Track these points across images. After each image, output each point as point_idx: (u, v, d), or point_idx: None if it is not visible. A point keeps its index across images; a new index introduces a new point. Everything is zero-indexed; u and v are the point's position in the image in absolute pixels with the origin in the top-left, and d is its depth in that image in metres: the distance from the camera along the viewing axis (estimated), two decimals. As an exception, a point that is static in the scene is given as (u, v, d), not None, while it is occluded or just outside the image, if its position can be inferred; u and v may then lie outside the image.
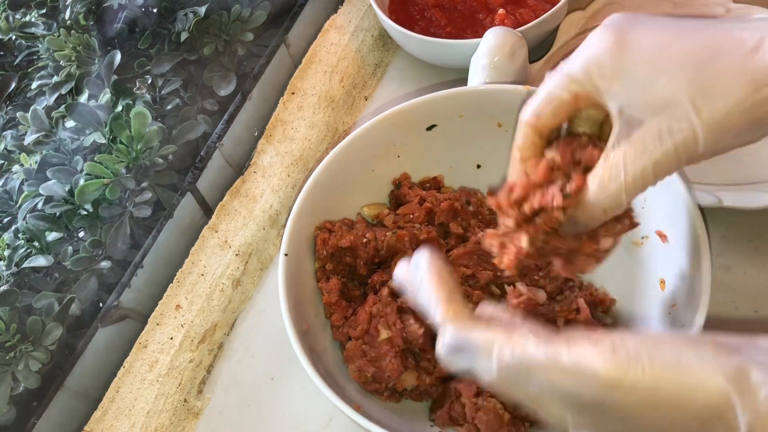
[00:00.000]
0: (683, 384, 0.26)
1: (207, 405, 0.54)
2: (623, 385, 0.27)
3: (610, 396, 0.27)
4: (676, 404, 0.27)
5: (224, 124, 0.63)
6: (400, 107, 0.52)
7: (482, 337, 0.29)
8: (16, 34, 0.73)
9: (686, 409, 0.27)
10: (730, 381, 0.26)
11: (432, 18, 0.67)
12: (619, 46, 0.32)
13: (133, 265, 0.57)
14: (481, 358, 0.29)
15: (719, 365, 0.26)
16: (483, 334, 0.30)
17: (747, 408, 0.25)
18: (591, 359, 0.27)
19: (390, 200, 0.55)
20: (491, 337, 0.29)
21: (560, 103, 0.34)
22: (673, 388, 0.26)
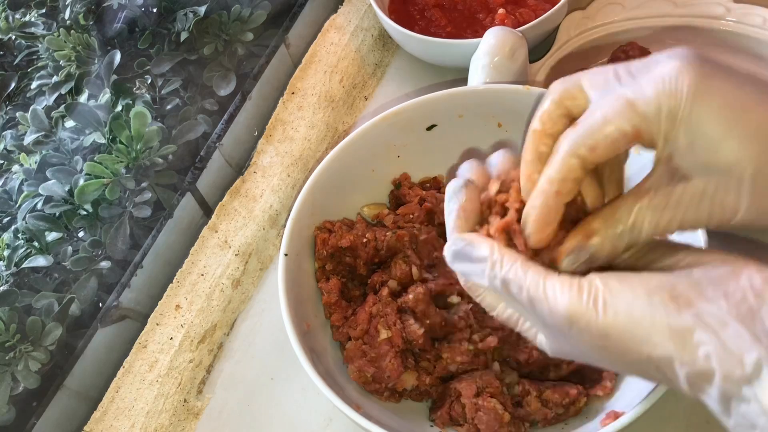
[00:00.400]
0: (630, 334, 0.29)
1: (207, 405, 0.54)
2: (578, 324, 0.30)
3: (569, 330, 0.30)
4: (621, 350, 0.29)
5: (224, 124, 0.63)
6: (400, 107, 0.52)
7: (481, 248, 0.33)
8: (16, 34, 0.73)
9: (631, 357, 0.29)
10: (673, 338, 0.28)
11: (432, 18, 0.67)
12: (699, 93, 0.28)
13: (133, 265, 0.57)
14: (477, 266, 0.33)
15: (666, 320, 0.28)
16: (482, 246, 0.33)
17: (686, 363, 0.28)
18: (559, 294, 0.30)
19: (390, 200, 0.55)
20: (489, 250, 0.33)
21: (623, 136, 0.30)
22: (619, 336, 0.29)
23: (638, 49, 0.60)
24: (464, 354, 0.45)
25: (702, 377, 0.27)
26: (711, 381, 0.27)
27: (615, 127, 0.30)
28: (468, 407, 0.43)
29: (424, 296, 0.46)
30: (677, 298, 0.28)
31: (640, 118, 0.29)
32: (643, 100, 0.29)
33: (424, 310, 0.46)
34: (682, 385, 0.28)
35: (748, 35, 0.60)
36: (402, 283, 0.49)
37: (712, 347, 0.27)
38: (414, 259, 0.49)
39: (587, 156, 0.31)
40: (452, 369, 0.46)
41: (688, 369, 0.27)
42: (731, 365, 0.26)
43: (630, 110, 0.29)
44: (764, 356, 0.26)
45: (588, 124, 0.31)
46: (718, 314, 0.27)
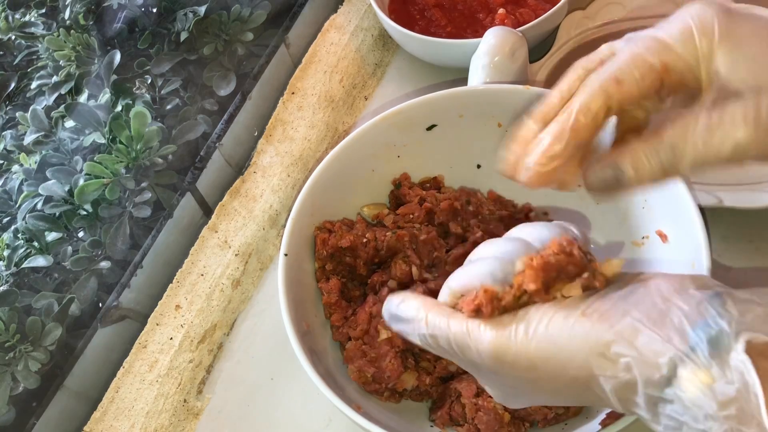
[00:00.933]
0: (554, 359, 0.29)
1: (207, 405, 0.54)
2: (506, 359, 0.30)
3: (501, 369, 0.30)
4: (551, 378, 0.29)
5: (224, 124, 0.63)
6: (400, 107, 0.52)
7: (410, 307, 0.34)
8: (16, 34, 0.73)
9: (560, 381, 0.29)
10: (593, 354, 0.28)
11: (432, 18, 0.67)
12: (728, 13, 0.29)
13: (133, 265, 0.57)
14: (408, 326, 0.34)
15: (584, 338, 0.28)
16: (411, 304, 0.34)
17: (610, 378, 0.28)
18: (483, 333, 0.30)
19: (390, 200, 0.55)
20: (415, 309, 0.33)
21: (649, 69, 0.29)
22: (545, 364, 0.29)
23: (638, 49, 0.60)
24: (464, 354, 0.45)
25: (627, 389, 0.27)
26: (636, 390, 0.27)
27: (642, 60, 0.30)
28: (468, 407, 0.43)
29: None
30: (590, 315, 0.28)
31: (668, 51, 0.29)
32: (672, 31, 0.29)
33: (424, 310, 0.46)
34: (613, 401, 0.28)
35: (748, 35, 0.60)
36: (402, 283, 0.49)
37: (630, 357, 0.27)
38: (414, 259, 0.49)
39: (613, 91, 0.30)
40: (452, 369, 0.46)
41: (613, 383, 0.28)
42: (649, 370, 0.26)
43: (658, 44, 0.30)
44: (676, 355, 0.26)
45: (616, 59, 0.31)
46: (631, 324, 0.27)
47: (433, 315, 0.32)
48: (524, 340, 0.29)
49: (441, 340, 0.32)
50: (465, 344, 0.31)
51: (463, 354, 0.31)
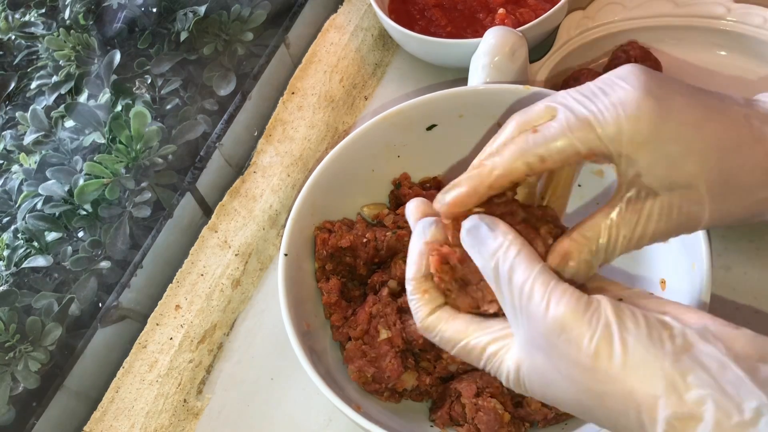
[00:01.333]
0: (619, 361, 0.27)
1: (207, 405, 0.54)
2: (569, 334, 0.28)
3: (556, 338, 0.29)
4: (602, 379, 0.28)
5: (224, 123, 0.63)
6: (400, 107, 0.52)
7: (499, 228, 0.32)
8: (16, 33, 0.73)
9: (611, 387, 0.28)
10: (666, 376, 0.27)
11: (432, 18, 0.67)
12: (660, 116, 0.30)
13: (133, 265, 0.57)
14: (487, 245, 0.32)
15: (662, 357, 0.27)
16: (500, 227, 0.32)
17: (672, 404, 0.26)
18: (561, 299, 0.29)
19: (390, 200, 0.55)
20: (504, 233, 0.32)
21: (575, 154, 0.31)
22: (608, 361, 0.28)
23: (638, 48, 0.60)
24: (464, 354, 0.45)
25: (686, 422, 0.26)
26: (696, 426, 0.26)
27: (570, 144, 0.31)
28: (468, 407, 0.43)
29: (424, 296, 0.46)
30: (676, 337, 0.28)
31: (598, 140, 0.31)
32: (603, 123, 0.31)
33: (424, 310, 0.46)
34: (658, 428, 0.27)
35: (748, 35, 0.60)
36: (402, 283, 0.49)
37: (708, 390, 0.26)
38: (414, 259, 0.49)
39: (535, 165, 0.31)
40: (452, 369, 0.46)
41: (673, 410, 0.26)
42: (728, 411, 0.25)
43: (588, 131, 0.31)
44: (764, 404, 0.25)
45: (544, 134, 0.32)
46: (718, 357, 0.27)
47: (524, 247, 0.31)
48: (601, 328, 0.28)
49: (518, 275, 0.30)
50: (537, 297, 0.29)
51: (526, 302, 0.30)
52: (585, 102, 0.32)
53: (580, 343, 0.28)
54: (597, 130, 0.31)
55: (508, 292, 0.31)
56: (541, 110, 0.33)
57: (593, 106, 0.31)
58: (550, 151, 0.31)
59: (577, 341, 0.28)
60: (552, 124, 0.32)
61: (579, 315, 0.29)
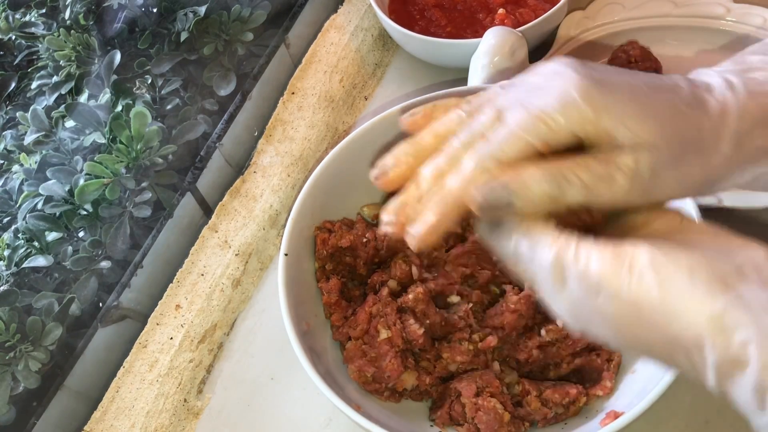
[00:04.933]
0: (662, 308, 0.27)
1: (207, 405, 0.54)
2: (608, 290, 0.28)
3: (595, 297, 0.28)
4: (648, 325, 0.28)
5: (224, 123, 0.63)
6: (400, 107, 0.52)
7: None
8: (16, 34, 0.73)
9: (656, 334, 0.28)
10: (710, 319, 0.26)
11: (432, 18, 0.67)
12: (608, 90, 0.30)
13: (133, 265, 0.57)
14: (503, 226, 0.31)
15: (705, 300, 0.27)
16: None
17: (718, 347, 0.26)
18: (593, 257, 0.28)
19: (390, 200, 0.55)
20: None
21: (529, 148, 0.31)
22: (651, 309, 0.27)
23: (638, 48, 0.60)
24: (464, 354, 0.45)
25: (734, 364, 0.26)
26: (744, 370, 0.26)
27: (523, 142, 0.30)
28: (468, 407, 0.43)
29: (424, 296, 0.46)
30: (720, 278, 0.27)
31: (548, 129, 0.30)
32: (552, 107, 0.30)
33: (423, 309, 0.46)
34: (708, 372, 0.27)
35: (748, 35, 0.60)
36: (402, 283, 0.49)
37: (751, 333, 0.25)
38: (414, 259, 0.49)
39: (493, 168, 0.31)
40: (452, 369, 0.46)
41: (720, 354, 0.26)
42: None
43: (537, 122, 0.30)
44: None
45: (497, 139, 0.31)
46: (761, 300, 0.26)
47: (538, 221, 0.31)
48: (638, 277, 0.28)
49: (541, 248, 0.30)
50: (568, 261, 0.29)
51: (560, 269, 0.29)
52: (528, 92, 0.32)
53: (619, 297, 0.28)
54: (547, 121, 0.30)
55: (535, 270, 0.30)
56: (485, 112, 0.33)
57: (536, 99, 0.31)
58: (505, 152, 0.31)
59: (615, 296, 0.28)
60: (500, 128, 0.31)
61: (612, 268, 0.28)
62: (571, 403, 0.43)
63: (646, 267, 0.28)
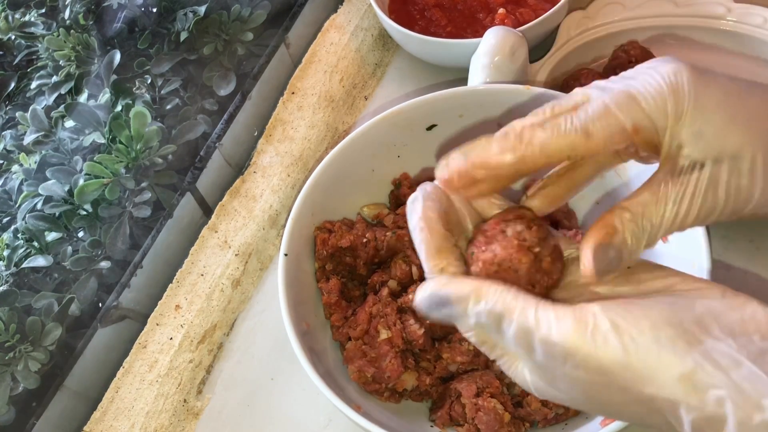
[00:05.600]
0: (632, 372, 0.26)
1: (207, 405, 0.54)
2: (575, 358, 0.27)
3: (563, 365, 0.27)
4: (620, 389, 0.27)
5: (224, 123, 0.63)
6: (400, 107, 0.52)
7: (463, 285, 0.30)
8: (16, 33, 0.73)
9: (630, 397, 0.27)
10: (682, 379, 0.26)
11: (432, 18, 0.67)
12: (700, 86, 0.28)
13: (133, 265, 0.57)
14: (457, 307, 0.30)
15: (674, 360, 0.26)
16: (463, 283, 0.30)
17: (694, 408, 0.25)
18: (555, 324, 0.27)
19: (390, 200, 0.55)
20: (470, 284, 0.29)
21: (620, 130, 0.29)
22: (621, 374, 0.26)
23: (639, 48, 0.60)
24: (464, 354, 0.45)
25: (712, 423, 0.25)
26: (722, 428, 0.25)
27: (615, 118, 0.29)
28: (468, 407, 0.43)
29: (424, 296, 0.46)
30: (684, 335, 0.26)
31: (640, 112, 0.29)
32: (646, 92, 0.29)
33: (424, 310, 0.46)
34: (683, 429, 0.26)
35: (748, 35, 0.60)
36: (402, 283, 0.49)
37: (724, 390, 0.25)
38: (414, 259, 0.49)
39: (579, 143, 0.29)
40: (452, 369, 0.46)
41: (696, 414, 0.25)
42: (748, 410, 0.24)
43: (631, 102, 0.29)
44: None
45: (588, 108, 0.29)
46: (730, 354, 0.25)
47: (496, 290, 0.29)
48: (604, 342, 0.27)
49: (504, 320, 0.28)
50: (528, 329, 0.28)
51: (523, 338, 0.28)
52: (623, 81, 0.30)
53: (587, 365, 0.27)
54: (641, 102, 0.28)
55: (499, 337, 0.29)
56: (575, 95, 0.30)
57: (633, 83, 0.29)
58: (595, 127, 0.28)
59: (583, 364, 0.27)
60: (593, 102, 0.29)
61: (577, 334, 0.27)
62: (572, 403, 0.43)
63: (609, 331, 0.27)
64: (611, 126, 0.29)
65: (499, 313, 0.28)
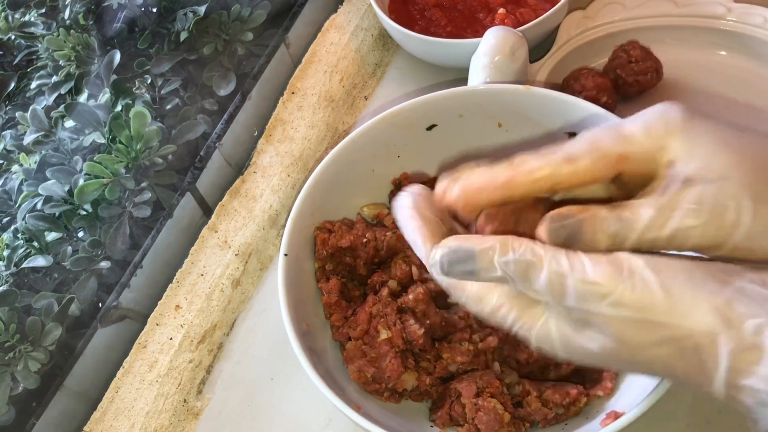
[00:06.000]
0: (669, 308, 0.27)
1: (207, 405, 0.54)
2: (613, 296, 0.28)
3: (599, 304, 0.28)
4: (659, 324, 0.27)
5: (224, 123, 0.63)
6: (400, 107, 0.52)
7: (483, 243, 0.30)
8: (16, 33, 0.73)
9: (665, 334, 0.27)
10: (718, 311, 0.26)
11: (432, 17, 0.67)
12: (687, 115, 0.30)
13: (133, 265, 0.57)
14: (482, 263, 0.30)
15: (709, 296, 0.27)
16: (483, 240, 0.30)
17: (732, 338, 0.26)
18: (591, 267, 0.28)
19: (390, 200, 0.55)
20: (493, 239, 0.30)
21: (603, 157, 0.30)
22: (658, 310, 0.27)
23: (639, 48, 0.60)
24: (464, 354, 0.45)
25: (749, 353, 0.25)
26: (760, 357, 0.25)
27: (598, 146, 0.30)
28: (468, 407, 0.43)
29: (424, 296, 0.46)
30: (717, 275, 0.27)
31: (627, 142, 0.30)
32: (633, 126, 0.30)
33: (424, 310, 0.46)
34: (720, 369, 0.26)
35: (748, 35, 0.60)
36: (402, 283, 0.49)
37: (762, 320, 0.25)
38: (414, 259, 0.49)
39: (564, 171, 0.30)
40: (452, 369, 0.46)
41: (735, 344, 0.26)
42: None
43: (617, 135, 0.30)
44: None
45: (572, 142, 0.30)
46: (760, 291, 0.26)
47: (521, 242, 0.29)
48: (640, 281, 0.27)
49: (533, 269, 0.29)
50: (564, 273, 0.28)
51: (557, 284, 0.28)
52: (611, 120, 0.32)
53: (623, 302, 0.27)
54: (627, 133, 0.30)
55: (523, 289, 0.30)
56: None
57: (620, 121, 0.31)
58: (581, 155, 0.30)
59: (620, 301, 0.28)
60: (579, 135, 0.31)
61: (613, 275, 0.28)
62: (572, 403, 0.43)
63: (646, 269, 0.28)
64: (596, 151, 0.30)
65: (528, 260, 0.29)
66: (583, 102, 0.48)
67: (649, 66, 0.59)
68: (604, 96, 0.58)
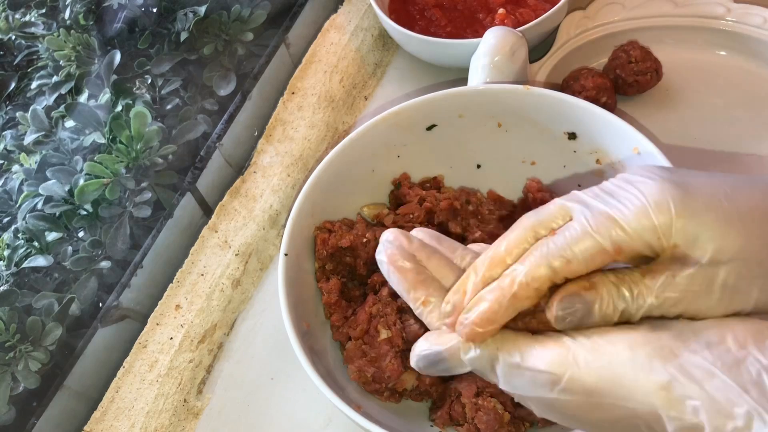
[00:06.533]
0: (615, 390, 0.28)
1: (207, 405, 0.54)
2: (560, 385, 0.29)
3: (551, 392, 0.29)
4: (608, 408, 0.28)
5: (224, 123, 0.63)
6: (400, 107, 0.52)
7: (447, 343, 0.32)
8: (16, 33, 0.73)
9: (618, 414, 0.28)
10: (659, 392, 0.27)
11: (432, 18, 0.67)
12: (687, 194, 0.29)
13: (133, 265, 0.57)
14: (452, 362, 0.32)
15: (651, 375, 0.27)
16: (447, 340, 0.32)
17: (674, 419, 0.27)
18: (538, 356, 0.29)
19: (390, 200, 0.55)
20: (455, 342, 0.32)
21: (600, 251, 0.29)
22: (606, 393, 0.28)
23: (639, 48, 0.60)
24: (464, 354, 0.45)
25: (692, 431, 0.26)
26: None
27: (594, 243, 0.29)
28: (468, 407, 0.43)
29: (424, 296, 0.46)
30: (660, 350, 0.27)
31: (621, 232, 0.29)
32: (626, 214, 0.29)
33: (424, 310, 0.46)
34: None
35: (748, 35, 0.60)
36: (402, 283, 0.49)
37: (699, 401, 0.26)
38: (414, 259, 0.49)
39: (560, 269, 0.29)
40: (452, 369, 0.46)
41: (678, 424, 0.27)
42: (721, 419, 0.26)
43: (611, 224, 0.29)
44: (753, 408, 0.25)
45: (567, 235, 0.30)
46: (703, 365, 0.27)
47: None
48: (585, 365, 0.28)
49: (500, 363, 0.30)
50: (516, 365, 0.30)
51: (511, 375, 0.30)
52: (603, 197, 0.30)
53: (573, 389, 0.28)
54: (621, 223, 0.29)
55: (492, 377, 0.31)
56: (553, 211, 0.31)
57: (613, 201, 0.30)
58: (574, 252, 0.29)
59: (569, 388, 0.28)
60: (571, 224, 0.30)
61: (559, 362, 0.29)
62: (572, 403, 0.43)
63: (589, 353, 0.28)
64: (590, 249, 0.29)
65: (488, 355, 0.31)
66: (583, 102, 0.49)
67: (648, 66, 0.59)
68: (604, 96, 0.58)
